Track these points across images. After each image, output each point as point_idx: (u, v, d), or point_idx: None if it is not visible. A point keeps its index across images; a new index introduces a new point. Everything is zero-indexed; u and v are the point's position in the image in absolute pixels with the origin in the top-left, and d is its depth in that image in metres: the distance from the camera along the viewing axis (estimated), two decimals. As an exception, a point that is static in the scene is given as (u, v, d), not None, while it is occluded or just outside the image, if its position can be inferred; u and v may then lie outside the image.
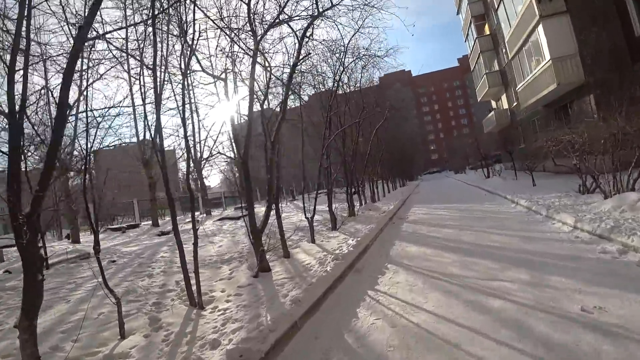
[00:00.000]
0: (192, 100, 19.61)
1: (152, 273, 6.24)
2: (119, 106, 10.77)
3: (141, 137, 16.89)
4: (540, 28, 14.36)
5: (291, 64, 6.89)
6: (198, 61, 6.82)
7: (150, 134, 6.17)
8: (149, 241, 11.08)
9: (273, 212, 6.28)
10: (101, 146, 11.94)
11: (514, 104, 23.15)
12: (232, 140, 5.79)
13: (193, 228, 4.56)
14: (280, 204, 6.91)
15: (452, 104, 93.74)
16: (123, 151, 18.24)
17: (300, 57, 6.73)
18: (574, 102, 14.77)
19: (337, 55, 9.11)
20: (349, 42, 9.30)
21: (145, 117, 13.08)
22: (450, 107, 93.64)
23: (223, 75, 7.15)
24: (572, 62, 13.57)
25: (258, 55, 7.28)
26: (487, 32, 26.15)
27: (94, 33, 5.22)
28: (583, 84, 13.50)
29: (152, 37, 4.66)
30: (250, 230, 5.67)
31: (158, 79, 5.00)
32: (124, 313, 4.38)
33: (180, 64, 4.98)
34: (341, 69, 9.62)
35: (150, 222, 17.56)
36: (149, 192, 17.57)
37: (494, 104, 29.78)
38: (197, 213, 22.15)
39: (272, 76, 7.48)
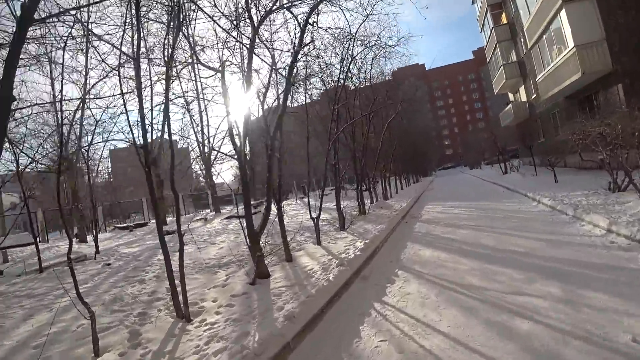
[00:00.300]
0: (201, 96, 19.34)
1: (144, 278, 5.85)
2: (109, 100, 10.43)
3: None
4: (562, 13, 13.45)
5: (295, 54, 6.37)
6: (193, 51, 6.38)
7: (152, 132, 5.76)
8: (152, 241, 10.77)
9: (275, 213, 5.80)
10: (101, 143, 11.58)
11: (533, 96, 22.13)
12: (231, 139, 5.29)
13: (178, 233, 4.11)
14: (285, 202, 6.44)
15: (467, 97, 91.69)
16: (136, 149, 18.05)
17: (303, 44, 6.20)
18: (599, 93, 13.84)
19: (345, 44, 8.53)
20: (357, 29, 8.72)
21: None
22: (465, 101, 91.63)
23: (226, 71, 6.68)
24: (598, 49, 12.65)
25: (258, 45, 6.79)
26: (504, 21, 25.07)
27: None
28: (610, 73, 12.58)
29: (134, 22, 4.21)
30: (248, 233, 5.22)
31: (156, 74, 4.60)
32: (105, 325, 4.02)
33: (164, 52, 4.50)
34: (349, 59, 9.04)
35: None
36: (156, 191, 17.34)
37: (511, 96, 28.65)
38: (207, 210, 21.98)
39: (273, 68, 6.97)
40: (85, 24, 6.38)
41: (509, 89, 27.68)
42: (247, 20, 6.23)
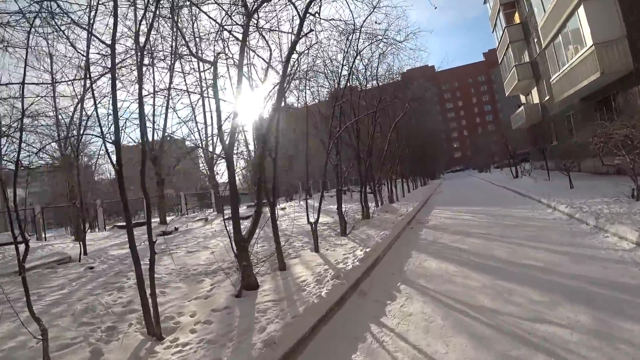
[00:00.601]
0: (205, 93, 18.93)
1: (124, 285, 5.39)
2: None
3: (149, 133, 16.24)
4: (580, 10, 12.78)
5: (293, 44, 5.88)
6: (184, 40, 5.95)
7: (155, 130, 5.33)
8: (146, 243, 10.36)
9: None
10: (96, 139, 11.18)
11: (546, 98, 21.39)
12: (220, 136, 4.83)
13: (149, 240, 3.65)
14: (289, 204, 5.95)
15: (476, 100, 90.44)
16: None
17: (302, 34, 5.71)
18: (618, 94, 13.13)
19: (349, 37, 7.99)
20: (363, 22, 8.19)
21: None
22: (474, 103, 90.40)
23: (221, 64, 6.22)
24: (618, 48, 11.96)
25: (254, 36, 6.33)
26: (517, 20, 24.36)
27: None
28: (631, 72, 11.89)
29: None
30: (234, 240, 4.74)
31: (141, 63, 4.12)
32: (68, 341, 3.56)
33: (139, 40, 4.02)
34: (354, 54, 8.51)
35: (158, 219, 17.02)
36: (157, 189, 16.96)
37: (523, 98, 27.87)
38: (210, 210, 21.57)
39: (268, 63, 6.49)
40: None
41: (520, 91, 26.92)
42: (242, 9, 5.77)
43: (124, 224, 13.03)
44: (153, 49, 9.05)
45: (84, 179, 15.50)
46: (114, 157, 3.73)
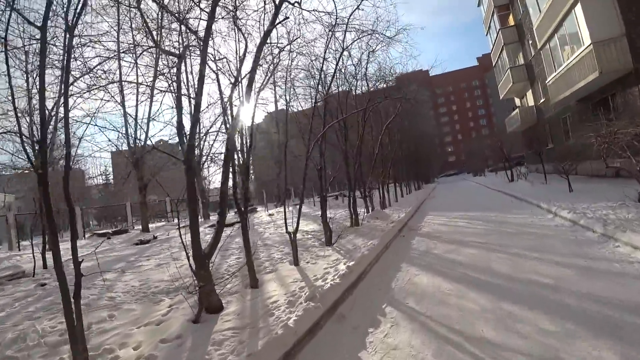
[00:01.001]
0: (189, 93, 18.26)
1: (70, 307, 4.68)
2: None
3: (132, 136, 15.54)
4: (578, 8, 12.33)
5: (266, 33, 5.26)
6: (147, 29, 5.34)
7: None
8: (119, 252, 9.67)
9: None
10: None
11: (541, 101, 20.98)
12: (179, 136, 4.19)
13: (74, 261, 2.98)
14: (276, 210, 5.30)
15: (470, 104, 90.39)
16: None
17: (277, 21, 5.10)
18: (616, 95, 12.67)
19: (332, 29, 7.36)
20: (350, 14, 7.60)
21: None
22: (468, 107, 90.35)
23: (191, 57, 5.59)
24: (617, 46, 11.50)
25: (227, 26, 5.71)
26: (512, 22, 24.05)
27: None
28: (630, 72, 11.42)
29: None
30: (193, 255, 4.07)
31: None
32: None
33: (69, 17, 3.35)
34: (339, 49, 7.91)
35: (140, 227, 16.26)
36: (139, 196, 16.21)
37: (517, 101, 27.51)
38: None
39: (246, 54, 5.86)
40: None
41: (515, 94, 26.57)
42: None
43: (103, 232, 12.13)
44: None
45: (74, 184, 14.72)
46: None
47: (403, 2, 21.64)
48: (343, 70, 9.52)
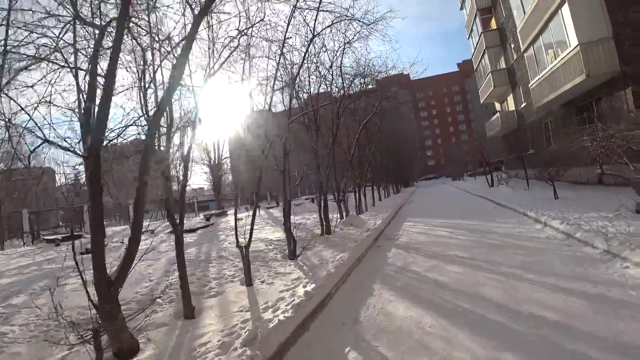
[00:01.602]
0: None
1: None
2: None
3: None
4: (565, 8, 11.82)
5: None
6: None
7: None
8: (56, 264, 8.37)
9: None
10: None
11: (523, 105, 20.65)
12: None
13: None
14: (245, 214, 4.25)
15: (450, 109, 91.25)
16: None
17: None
18: (602, 99, 12.21)
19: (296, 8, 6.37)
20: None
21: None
22: (448, 112, 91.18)
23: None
24: (604, 48, 11.00)
25: None
26: (494, 26, 23.71)
27: None
28: (618, 75, 10.93)
29: None
30: (94, 282, 3.03)
31: None
32: None
33: None
34: (309, 34, 6.98)
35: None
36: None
37: (498, 106, 27.26)
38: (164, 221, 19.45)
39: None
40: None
41: (496, 98, 26.30)
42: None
43: (52, 237, 10.55)
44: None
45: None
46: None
47: (385, 8, 20.93)
48: (315, 60, 8.55)
